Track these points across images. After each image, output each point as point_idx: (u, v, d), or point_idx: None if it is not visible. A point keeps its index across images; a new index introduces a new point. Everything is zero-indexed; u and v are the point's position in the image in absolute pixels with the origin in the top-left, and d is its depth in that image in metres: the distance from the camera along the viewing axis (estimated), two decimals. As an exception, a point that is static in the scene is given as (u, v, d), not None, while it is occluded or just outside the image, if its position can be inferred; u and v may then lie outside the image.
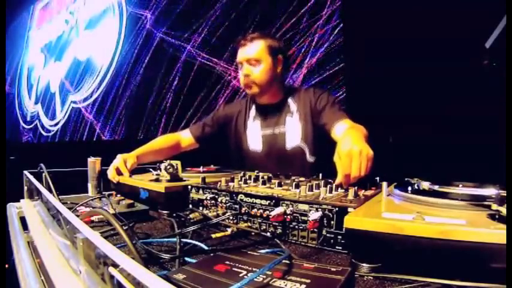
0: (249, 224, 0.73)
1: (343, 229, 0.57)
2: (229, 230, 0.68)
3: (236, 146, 1.42)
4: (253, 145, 1.36)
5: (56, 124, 4.60)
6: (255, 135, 1.35)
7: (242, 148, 1.39)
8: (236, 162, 1.40)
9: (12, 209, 0.94)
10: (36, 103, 5.24)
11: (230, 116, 1.43)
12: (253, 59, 1.25)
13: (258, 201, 0.72)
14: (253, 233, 0.70)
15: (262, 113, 1.36)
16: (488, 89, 1.16)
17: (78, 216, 0.44)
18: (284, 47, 1.34)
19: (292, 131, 1.29)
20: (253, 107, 1.39)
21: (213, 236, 0.64)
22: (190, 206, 0.86)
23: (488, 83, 1.16)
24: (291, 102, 1.32)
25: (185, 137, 1.45)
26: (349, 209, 0.58)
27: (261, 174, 0.98)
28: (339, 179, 0.76)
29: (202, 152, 1.47)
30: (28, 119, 5.43)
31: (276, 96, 1.33)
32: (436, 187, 0.68)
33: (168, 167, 0.93)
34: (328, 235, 0.62)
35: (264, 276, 0.40)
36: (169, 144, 1.39)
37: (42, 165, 0.92)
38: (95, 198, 0.93)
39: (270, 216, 0.66)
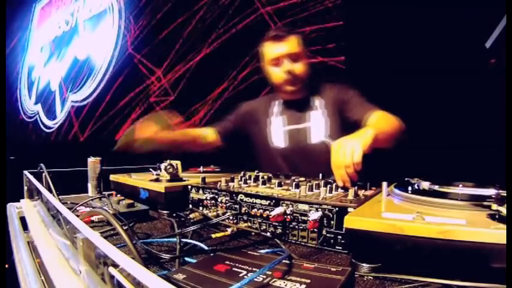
0: (249, 224, 0.73)
1: (343, 229, 0.57)
2: (229, 230, 0.68)
3: (260, 143, 1.38)
4: (276, 141, 1.31)
5: (56, 124, 4.59)
6: (278, 131, 1.32)
7: (266, 145, 1.35)
8: (262, 161, 1.37)
9: (12, 209, 0.94)
10: (36, 103, 5.23)
11: (251, 113, 1.40)
12: (295, 54, 1.20)
13: (258, 201, 0.72)
14: (253, 233, 0.70)
15: (287, 108, 1.33)
16: (488, 89, 1.16)
17: (78, 216, 0.44)
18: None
19: (317, 126, 1.25)
20: (277, 103, 1.36)
21: (213, 236, 0.64)
22: (190, 206, 0.86)
23: (489, 83, 1.16)
24: (316, 98, 1.30)
25: (207, 133, 1.38)
26: (349, 209, 0.58)
27: (261, 174, 0.98)
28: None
29: (202, 152, 1.47)
30: (28, 118, 5.42)
31: (302, 92, 1.28)
32: (436, 187, 0.68)
33: (168, 167, 0.93)
34: (328, 235, 0.62)
35: (264, 276, 0.40)
36: (186, 138, 1.29)
37: (42, 165, 0.92)
38: (95, 198, 0.93)
39: (270, 216, 0.66)
